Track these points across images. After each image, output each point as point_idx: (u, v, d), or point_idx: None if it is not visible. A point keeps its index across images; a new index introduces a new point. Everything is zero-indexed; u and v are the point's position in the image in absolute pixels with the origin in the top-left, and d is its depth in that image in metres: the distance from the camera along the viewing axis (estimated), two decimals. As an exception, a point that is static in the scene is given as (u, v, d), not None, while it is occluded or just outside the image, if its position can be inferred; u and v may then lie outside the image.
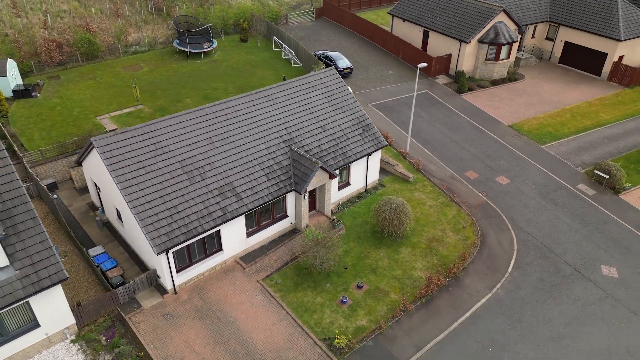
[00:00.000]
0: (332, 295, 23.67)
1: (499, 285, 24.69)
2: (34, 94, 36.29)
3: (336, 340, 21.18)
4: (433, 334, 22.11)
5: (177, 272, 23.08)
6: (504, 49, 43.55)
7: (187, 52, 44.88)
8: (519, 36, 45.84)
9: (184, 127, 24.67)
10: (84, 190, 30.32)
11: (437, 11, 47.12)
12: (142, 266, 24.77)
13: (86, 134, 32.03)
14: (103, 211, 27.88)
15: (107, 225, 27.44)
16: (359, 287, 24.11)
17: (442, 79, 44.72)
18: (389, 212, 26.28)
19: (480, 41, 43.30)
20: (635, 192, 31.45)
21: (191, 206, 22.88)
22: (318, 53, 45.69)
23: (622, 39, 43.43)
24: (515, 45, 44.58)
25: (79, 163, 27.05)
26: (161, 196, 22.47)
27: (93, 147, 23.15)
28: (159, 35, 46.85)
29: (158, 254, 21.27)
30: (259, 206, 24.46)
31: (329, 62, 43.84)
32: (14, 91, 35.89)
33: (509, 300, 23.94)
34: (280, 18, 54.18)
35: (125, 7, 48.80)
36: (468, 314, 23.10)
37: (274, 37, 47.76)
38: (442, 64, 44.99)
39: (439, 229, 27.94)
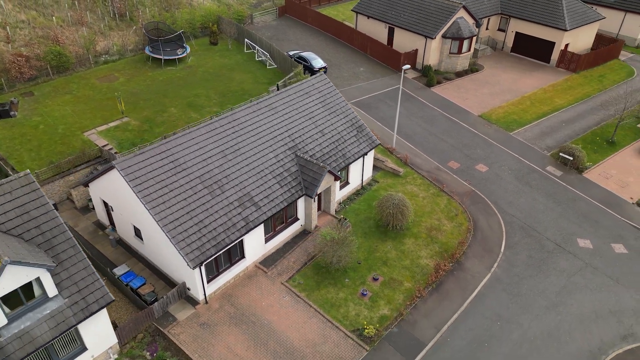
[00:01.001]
0: (352, 289, 25.64)
1: (495, 265, 27.64)
2: (12, 113, 35.17)
3: (366, 331, 23.23)
4: (448, 315, 24.68)
5: (207, 282, 24.14)
6: (466, 43, 46.66)
7: (160, 59, 44.52)
8: (477, 30, 49.10)
9: (197, 142, 25.48)
10: (86, 209, 30.31)
11: (401, 8, 49.43)
12: (166, 280, 25.53)
13: (79, 152, 31.74)
14: (113, 229, 28.14)
15: (120, 242, 27.81)
16: (375, 279, 26.23)
17: (410, 74, 47.30)
18: (392, 207, 28.47)
19: (444, 36, 46.11)
20: (595, 170, 35.51)
21: (216, 219, 23.93)
22: (291, 53, 46.81)
23: (568, 29, 47.76)
24: (475, 39, 47.82)
25: (85, 184, 27.14)
26: (187, 212, 23.35)
27: (110, 169, 23.53)
28: (128, 42, 46.05)
29: (194, 268, 22.27)
30: (275, 213, 25.86)
31: (303, 62, 45.12)
32: (-11, 111, 34.67)
33: (506, 277, 26.95)
34: (246, 18, 54.52)
35: (87, 14, 47.41)
36: (474, 293, 25.86)
37: (246, 40, 48.28)
38: (410, 59, 47.50)
39: (435, 218, 30.53)
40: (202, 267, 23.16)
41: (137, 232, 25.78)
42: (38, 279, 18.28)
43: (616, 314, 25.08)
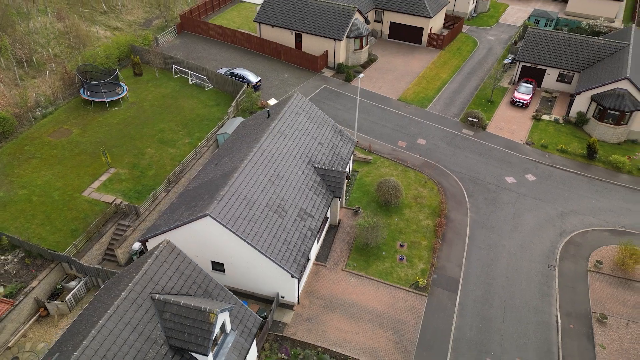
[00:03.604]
0: (391, 258, 33.33)
1: (468, 211, 37.92)
2: (-6, 192, 33.21)
3: (419, 283, 31.38)
4: (459, 255, 34.13)
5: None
6: (364, 39, 55.58)
7: (98, 101, 43.89)
8: (369, 26, 58.26)
9: (251, 177, 29.73)
10: (130, 263, 31.85)
11: (302, 15, 55.77)
12: (254, 298, 29.79)
13: (102, 214, 32.49)
14: (176, 272, 30.73)
15: (188, 281, 30.69)
16: (402, 246, 34.29)
17: (327, 72, 54.66)
18: (390, 189, 36.49)
19: (347, 36, 54.25)
20: (492, 125, 48.14)
21: (292, 235, 29.05)
22: (222, 72, 50.10)
23: (432, 16, 59.95)
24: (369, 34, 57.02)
25: (145, 240, 29.21)
26: (273, 236, 28.07)
27: (201, 218, 26.65)
28: (56, 89, 44.02)
29: (298, 277, 27.44)
30: (323, 218, 31.80)
31: (239, 79, 49.04)
32: (-34, 197, 32.27)
33: (479, 217, 37.42)
34: (152, 42, 54.91)
35: (-7, 68, 43.61)
36: (467, 235, 35.74)
37: (174, 66, 49.72)
38: (323, 60, 54.73)
39: (413, 189, 39.50)
40: (297, 276, 28.41)
41: (216, 267, 29.31)
42: (223, 321, 22.05)
43: (549, 221, 37.49)
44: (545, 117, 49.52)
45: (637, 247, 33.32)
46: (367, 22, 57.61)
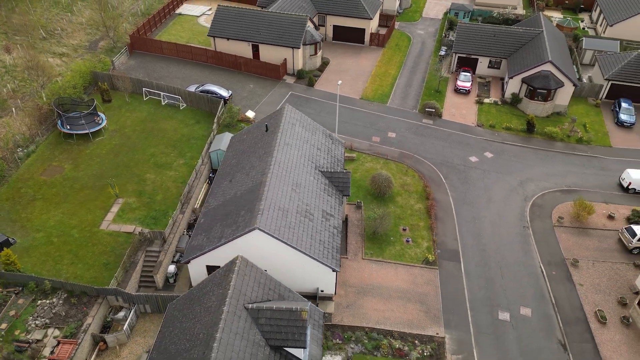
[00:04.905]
0: (399, 242, 37.96)
1: (449, 191, 43.62)
2: (11, 240, 32.68)
3: (429, 259, 36.36)
4: (452, 229, 39.63)
5: (333, 280, 32.99)
6: (318, 45, 59.31)
7: (77, 134, 43.44)
8: (319, 31, 61.96)
9: (278, 188, 32.61)
10: (167, 287, 33.40)
11: (257, 27, 58.08)
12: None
13: (130, 245, 33.48)
14: (217, 286, 32.89)
15: (229, 293, 32.99)
16: (404, 229, 39.05)
17: (289, 79, 57.75)
18: (384, 181, 41.06)
19: (303, 44, 57.64)
20: (446, 112, 54.39)
21: (324, 234, 32.49)
22: (192, 89, 51.27)
23: (372, 18, 65.08)
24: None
25: (186, 262, 31.09)
26: (310, 237, 31.35)
27: (250, 231, 29.18)
28: (30, 126, 42.82)
29: (337, 272, 31.04)
30: (340, 216, 35.54)
31: (212, 95, 50.60)
32: (-16, 248, 31.62)
33: (458, 196, 43.24)
34: (109, 66, 54.27)
35: (-44, 111, 41.44)
36: (454, 212, 41.37)
37: (144, 88, 49.94)
38: (284, 68, 57.69)
39: (398, 178, 44.39)
40: (335, 269, 32.00)
41: (258, 274, 31.96)
42: (304, 317, 25.18)
43: (514, 190, 44.32)
44: (486, 100, 56.81)
45: (587, 202, 41.04)
46: (317, 28, 61.33)
